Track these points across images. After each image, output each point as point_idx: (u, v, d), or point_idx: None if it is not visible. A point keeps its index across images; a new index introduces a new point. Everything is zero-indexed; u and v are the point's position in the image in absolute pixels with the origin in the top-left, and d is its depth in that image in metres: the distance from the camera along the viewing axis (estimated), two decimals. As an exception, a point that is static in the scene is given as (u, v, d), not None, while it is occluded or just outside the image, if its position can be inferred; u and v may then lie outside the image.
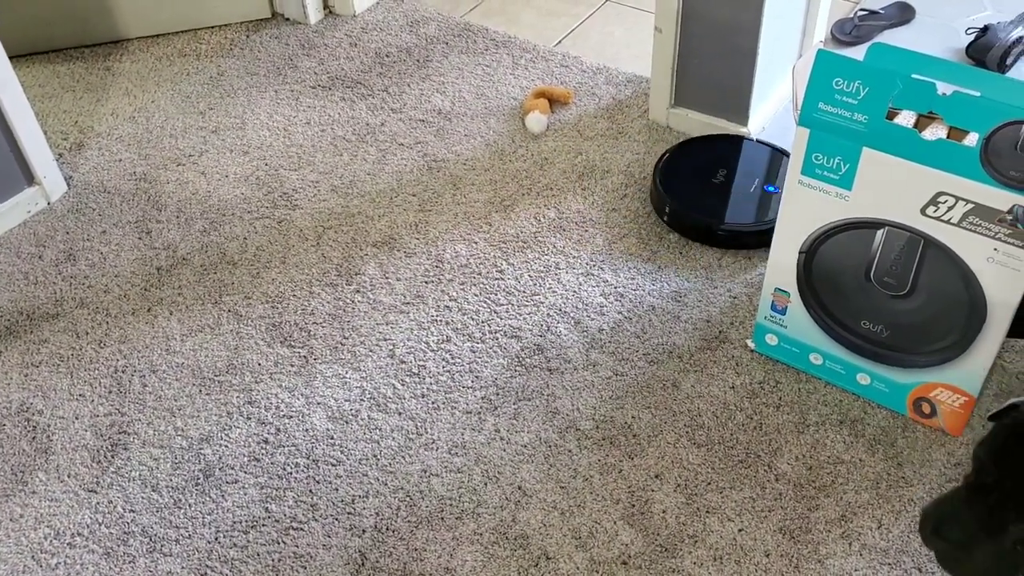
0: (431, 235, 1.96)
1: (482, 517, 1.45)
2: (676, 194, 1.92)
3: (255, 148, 2.23)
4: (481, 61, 2.46)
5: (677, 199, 1.91)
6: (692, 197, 1.92)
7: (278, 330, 1.77)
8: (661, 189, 1.93)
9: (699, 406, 1.59)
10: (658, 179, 1.96)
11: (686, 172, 1.99)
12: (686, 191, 1.93)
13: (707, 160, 2.02)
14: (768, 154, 2.03)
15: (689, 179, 1.97)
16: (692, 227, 1.89)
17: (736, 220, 1.87)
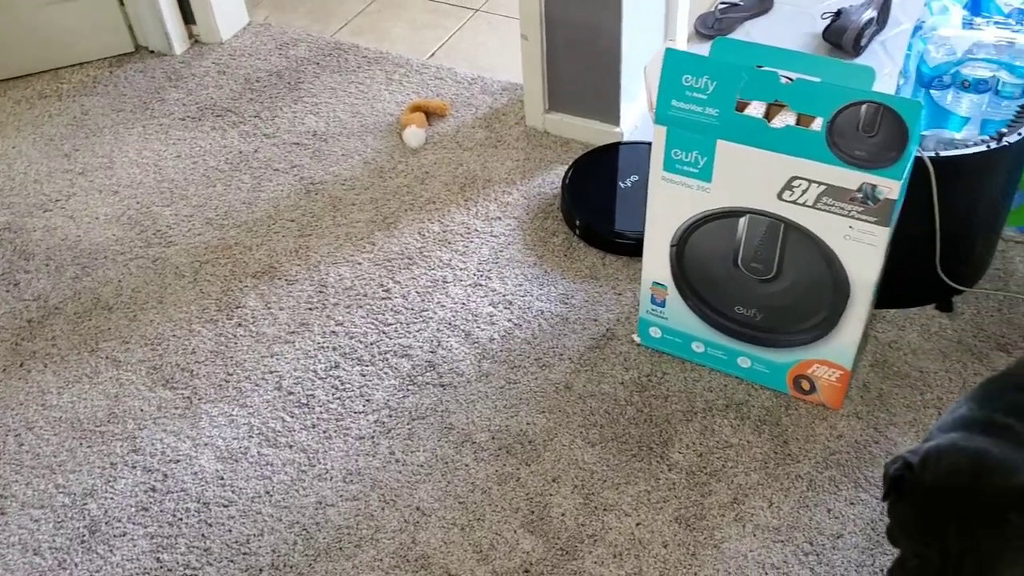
0: (312, 260, 1.94)
1: (381, 543, 1.43)
2: (586, 207, 1.93)
3: (125, 187, 2.16)
4: (354, 79, 2.44)
5: (587, 213, 1.91)
6: (602, 209, 1.93)
7: (159, 373, 1.73)
8: (571, 204, 1.94)
9: (591, 405, 1.61)
10: (567, 195, 1.96)
11: (594, 184, 2.00)
12: (595, 203, 1.95)
13: (612, 168, 2.04)
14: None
15: (597, 190, 1.98)
16: (606, 240, 1.89)
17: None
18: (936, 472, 0.93)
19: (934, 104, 1.72)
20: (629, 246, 1.85)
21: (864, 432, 1.53)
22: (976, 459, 0.93)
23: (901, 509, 0.97)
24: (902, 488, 0.95)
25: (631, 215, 1.89)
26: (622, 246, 1.87)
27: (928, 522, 0.93)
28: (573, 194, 1.96)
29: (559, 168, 2.11)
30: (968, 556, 0.91)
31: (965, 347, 1.65)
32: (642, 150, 2.04)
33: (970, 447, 0.95)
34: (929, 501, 0.94)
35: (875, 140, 1.27)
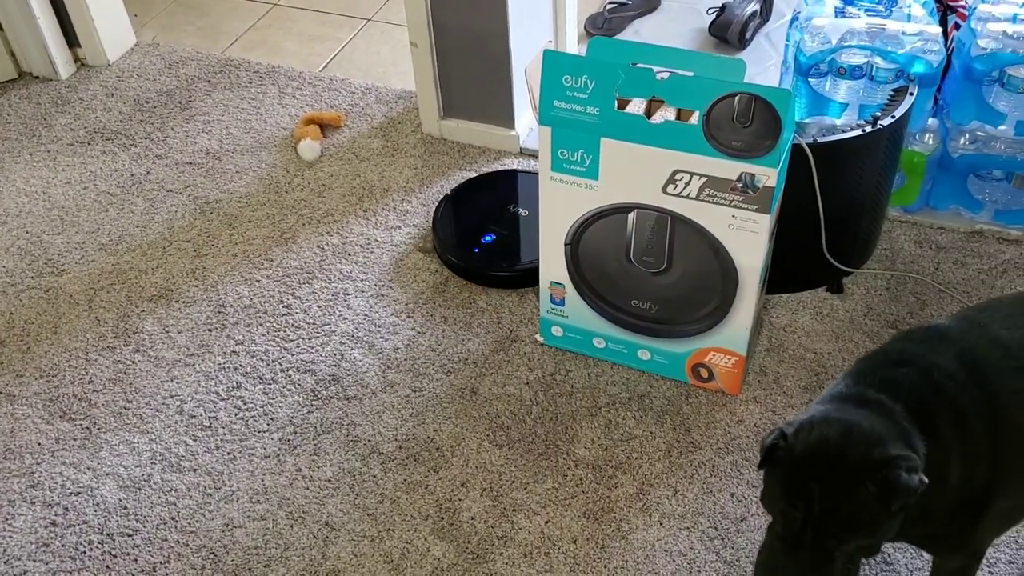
0: (210, 280, 1.91)
1: (291, 560, 1.41)
2: (458, 246, 1.87)
3: (13, 216, 2.10)
4: (246, 95, 2.41)
5: (460, 252, 1.85)
6: (474, 245, 1.86)
7: (56, 405, 1.68)
8: (442, 242, 1.87)
9: (497, 407, 1.61)
10: (439, 233, 1.90)
11: (465, 221, 1.93)
12: (469, 241, 1.87)
13: (485, 202, 1.98)
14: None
15: (472, 226, 1.91)
16: (484, 277, 1.83)
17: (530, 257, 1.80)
18: (807, 441, 0.98)
19: (814, 92, 1.78)
20: (506, 279, 1.81)
21: (763, 416, 1.57)
22: (844, 430, 0.99)
23: (774, 475, 1.01)
24: (776, 457, 1.00)
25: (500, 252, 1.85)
26: (498, 279, 1.82)
27: (796, 485, 0.99)
28: (442, 234, 1.90)
29: (457, 174, 2.11)
30: (828, 517, 0.97)
31: (857, 327, 1.71)
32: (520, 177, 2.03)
33: (841, 419, 1.00)
34: (798, 466, 0.99)
35: (750, 130, 1.31)
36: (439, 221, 1.93)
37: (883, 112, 1.63)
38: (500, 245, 1.86)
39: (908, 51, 1.66)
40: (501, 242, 1.87)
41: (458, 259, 1.84)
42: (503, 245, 1.86)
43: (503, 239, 1.87)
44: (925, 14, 1.73)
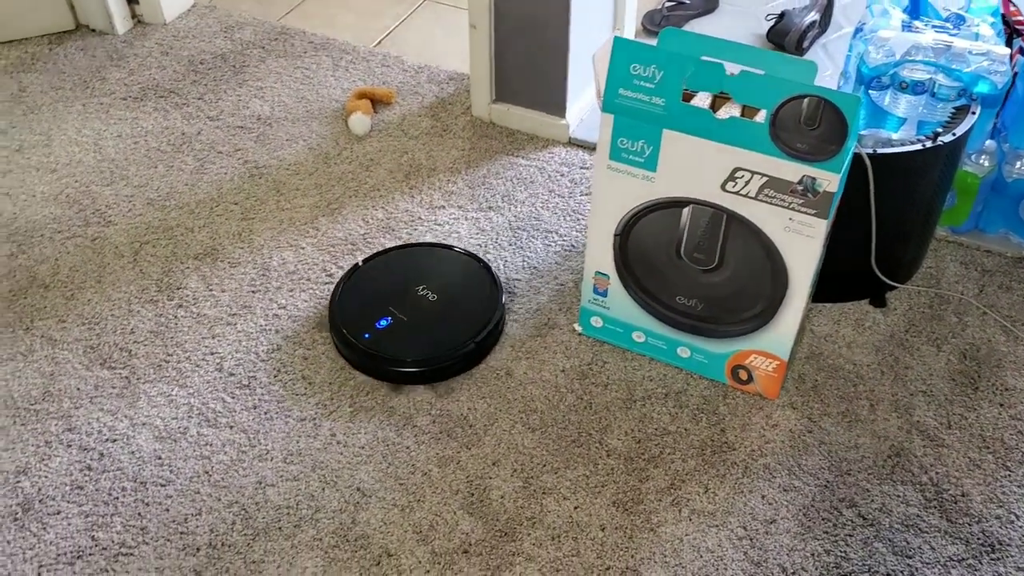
0: (256, 243, 1.92)
1: (321, 523, 1.43)
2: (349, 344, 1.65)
3: (63, 165, 2.12)
4: (300, 64, 2.42)
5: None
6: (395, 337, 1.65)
7: (97, 352, 1.70)
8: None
9: (532, 391, 1.62)
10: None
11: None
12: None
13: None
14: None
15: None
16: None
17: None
18: None
19: (873, 105, 1.77)
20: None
21: (799, 422, 1.57)
22: None
23: None
24: None
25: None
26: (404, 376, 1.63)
27: None
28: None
29: (504, 159, 2.12)
30: None
31: (897, 342, 1.70)
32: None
33: None
34: None
35: (816, 133, 1.31)
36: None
37: (944, 129, 1.62)
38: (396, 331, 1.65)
39: (973, 70, 1.66)
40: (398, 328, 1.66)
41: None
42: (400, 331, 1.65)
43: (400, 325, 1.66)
44: (993, 35, 1.72)
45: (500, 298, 1.72)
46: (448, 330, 1.67)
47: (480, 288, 1.75)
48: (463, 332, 1.66)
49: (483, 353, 1.67)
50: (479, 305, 1.71)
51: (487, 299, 1.72)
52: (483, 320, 1.68)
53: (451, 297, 1.73)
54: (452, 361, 1.63)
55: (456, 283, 1.76)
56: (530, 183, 2.05)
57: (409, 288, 1.74)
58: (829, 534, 1.42)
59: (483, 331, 1.66)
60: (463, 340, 1.64)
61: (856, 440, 1.54)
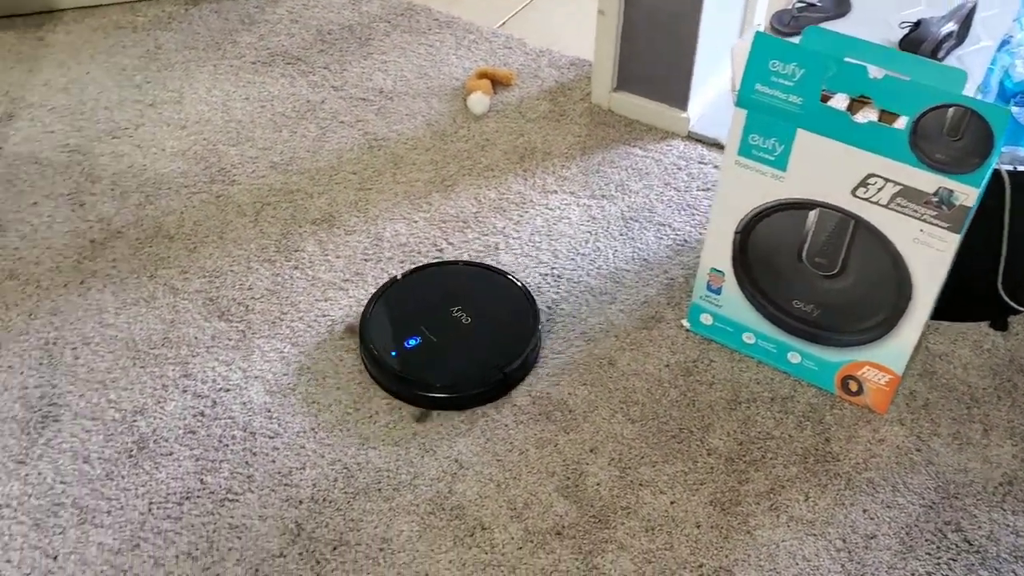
0: (371, 213, 1.96)
1: (419, 488, 1.45)
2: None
3: (193, 123, 2.19)
4: (424, 41, 2.46)
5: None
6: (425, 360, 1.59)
7: (215, 304, 1.75)
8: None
9: (634, 383, 1.62)
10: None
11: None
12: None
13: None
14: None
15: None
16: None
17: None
18: None
19: (1013, 121, 1.70)
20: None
21: (907, 439, 1.53)
22: None
23: None
24: None
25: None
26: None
27: None
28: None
29: (620, 148, 2.11)
30: None
31: (1017, 367, 1.64)
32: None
33: None
34: None
35: (959, 144, 1.27)
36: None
37: (1089, 151, 1.55)
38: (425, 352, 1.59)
39: None
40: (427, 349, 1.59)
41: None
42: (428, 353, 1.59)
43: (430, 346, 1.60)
44: None
45: (536, 327, 1.62)
46: (478, 356, 1.58)
47: (517, 314, 1.65)
48: (492, 360, 1.57)
49: (511, 384, 1.58)
50: (514, 332, 1.62)
51: (523, 327, 1.63)
52: (516, 350, 1.58)
53: (486, 321, 1.64)
54: (477, 389, 1.55)
55: (493, 307, 1.67)
56: (645, 174, 2.04)
57: (444, 308, 1.66)
58: (932, 556, 1.38)
59: (514, 361, 1.57)
60: (491, 368, 1.56)
61: (966, 464, 1.50)
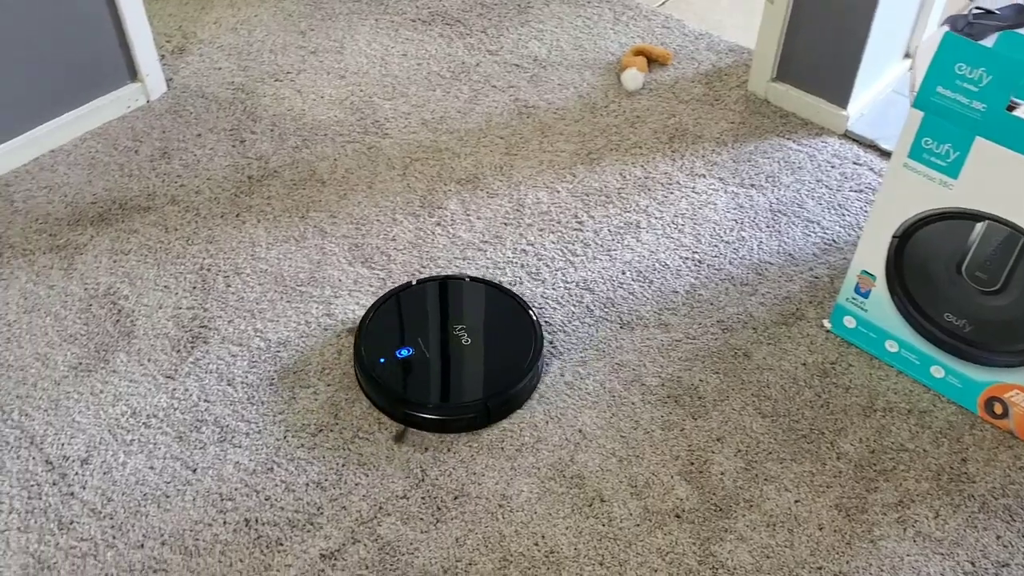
0: (515, 179, 1.97)
1: (541, 453, 1.47)
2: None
3: (351, 73, 2.25)
4: (582, 13, 2.45)
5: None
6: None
7: (360, 250, 1.81)
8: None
9: (768, 378, 1.59)
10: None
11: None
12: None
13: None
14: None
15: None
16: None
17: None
18: None
19: None
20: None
21: (1049, 470, 1.47)
22: None
23: None
24: None
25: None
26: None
27: None
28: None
29: (773, 139, 2.07)
30: None
31: None
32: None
33: None
34: None
35: None
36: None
37: None
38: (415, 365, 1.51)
39: None
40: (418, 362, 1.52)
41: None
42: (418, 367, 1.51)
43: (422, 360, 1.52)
44: None
45: (535, 364, 1.53)
46: (466, 381, 1.51)
47: (520, 347, 1.56)
48: (479, 389, 1.49)
49: (493, 417, 1.49)
50: (511, 365, 1.52)
51: (522, 360, 1.53)
52: (507, 383, 1.49)
53: (486, 347, 1.55)
54: (455, 416, 1.47)
55: (498, 333, 1.58)
56: (798, 168, 2.00)
57: (448, 324, 1.58)
58: (1066, 595, 1.33)
59: (501, 395, 1.48)
60: (475, 398, 1.48)
61: (1113, 505, 1.43)
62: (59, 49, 1.94)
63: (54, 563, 1.31)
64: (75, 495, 1.39)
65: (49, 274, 1.73)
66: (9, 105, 1.91)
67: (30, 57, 1.90)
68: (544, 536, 1.36)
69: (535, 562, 1.33)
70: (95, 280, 1.72)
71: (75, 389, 1.54)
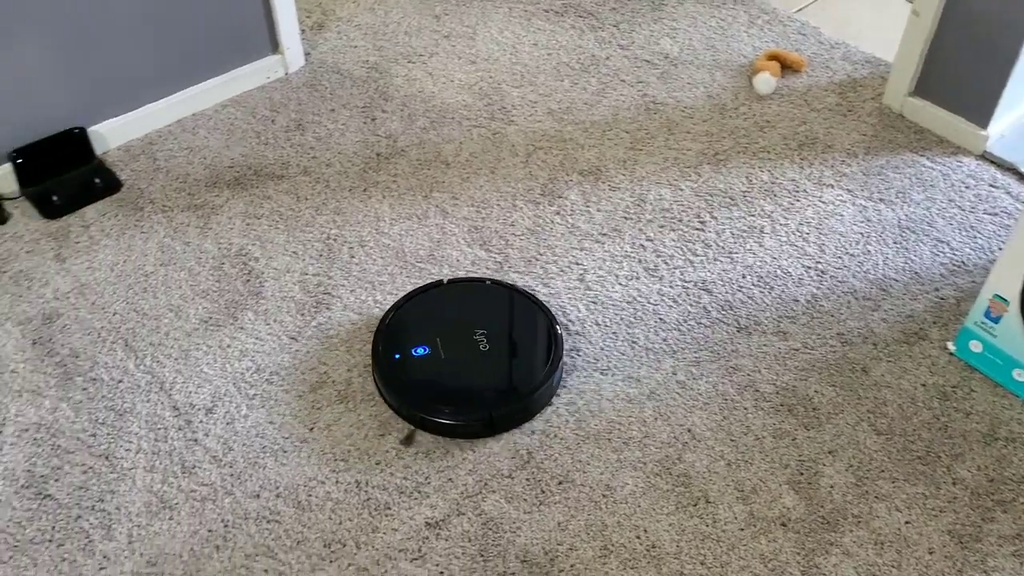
0: (638, 174, 1.97)
1: (648, 448, 1.47)
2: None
3: (482, 59, 2.28)
4: (717, 14, 2.43)
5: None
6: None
7: (479, 233, 1.83)
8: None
9: (886, 395, 1.56)
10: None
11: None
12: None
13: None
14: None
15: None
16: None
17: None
18: None
19: None
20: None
21: None
22: None
23: None
24: None
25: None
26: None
27: None
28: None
29: (906, 155, 2.01)
30: None
31: None
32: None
33: None
34: None
35: None
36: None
37: None
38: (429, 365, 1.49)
39: None
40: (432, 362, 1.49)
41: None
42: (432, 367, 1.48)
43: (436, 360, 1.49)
44: None
45: (548, 379, 1.48)
46: (476, 389, 1.47)
47: (538, 361, 1.52)
48: (487, 398, 1.45)
49: (497, 428, 1.45)
50: (525, 378, 1.48)
51: (536, 374, 1.49)
52: (517, 396, 1.46)
53: (503, 356, 1.51)
54: (457, 422, 1.43)
55: (519, 345, 1.54)
56: (930, 186, 1.94)
57: (469, 327, 1.54)
58: None
59: (508, 407, 1.44)
60: (481, 407, 1.44)
61: None
62: (208, 18, 2.02)
63: (175, 504, 1.38)
64: (198, 442, 1.46)
65: (186, 231, 1.81)
66: (158, 68, 2.00)
67: (181, 24, 1.98)
68: (647, 530, 1.37)
69: (636, 554, 1.34)
70: (228, 240, 1.79)
71: (204, 342, 1.61)
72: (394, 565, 1.32)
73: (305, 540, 1.34)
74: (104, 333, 1.62)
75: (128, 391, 1.53)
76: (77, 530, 1.35)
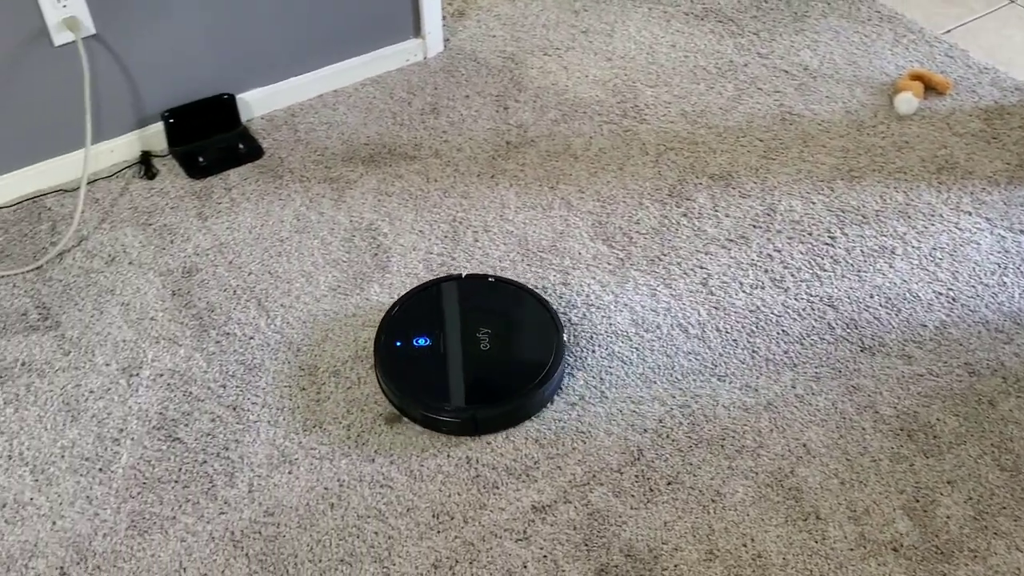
0: (769, 183, 1.95)
1: (761, 458, 1.45)
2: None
3: (618, 57, 2.29)
4: (861, 30, 2.38)
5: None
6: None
7: (602, 228, 1.84)
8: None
9: (1012, 431, 1.50)
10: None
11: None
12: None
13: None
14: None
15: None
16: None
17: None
18: None
19: None
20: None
21: None
22: None
23: None
24: None
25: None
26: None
27: None
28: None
29: (1055, 188, 1.93)
30: None
31: None
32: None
33: None
34: None
35: None
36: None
37: None
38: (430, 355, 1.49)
39: None
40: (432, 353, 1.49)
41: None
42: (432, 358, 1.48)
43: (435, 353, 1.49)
44: None
45: (541, 388, 1.46)
46: (468, 385, 1.46)
47: (537, 369, 1.49)
48: (476, 396, 1.45)
49: (481, 430, 1.44)
50: (520, 384, 1.46)
51: (532, 380, 1.47)
52: (506, 399, 1.45)
53: (503, 358, 1.50)
54: (443, 416, 1.43)
55: (522, 350, 1.53)
56: (1078, 221, 1.86)
57: (474, 324, 1.54)
58: None
59: (494, 409, 1.44)
60: (462, 406, 1.43)
61: None
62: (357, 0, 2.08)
63: (295, 459, 1.43)
64: (320, 403, 1.51)
65: (321, 202, 1.87)
66: (305, 44, 2.07)
67: (331, 3, 2.05)
68: (754, 539, 1.35)
69: (741, 562, 1.32)
70: (360, 214, 1.85)
71: (332, 308, 1.66)
72: (499, 543, 1.34)
73: (415, 508, 1.37)
74: (239, 291, 1.69)
75: (259, 347, 1.59)
76: (202, 474, 1.41)
